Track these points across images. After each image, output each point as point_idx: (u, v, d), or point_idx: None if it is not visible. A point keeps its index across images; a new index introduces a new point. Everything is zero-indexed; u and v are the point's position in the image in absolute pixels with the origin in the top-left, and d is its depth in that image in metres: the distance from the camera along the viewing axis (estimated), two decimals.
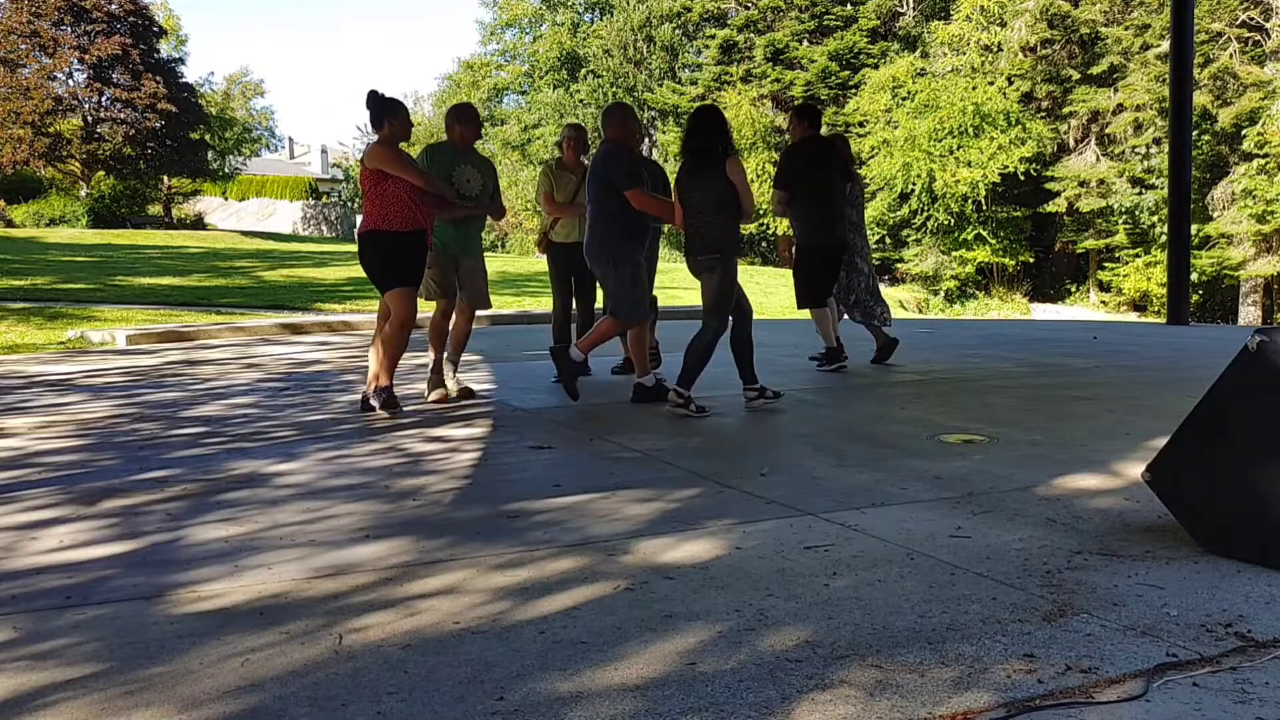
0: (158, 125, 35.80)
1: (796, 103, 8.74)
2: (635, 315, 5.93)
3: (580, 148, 7.12)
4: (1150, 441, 4.24)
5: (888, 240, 35.33)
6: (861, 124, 35.08)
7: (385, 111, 5.55)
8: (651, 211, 5.90)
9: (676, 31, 45.15)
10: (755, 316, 6.01)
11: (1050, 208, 31.96)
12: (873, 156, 33.56)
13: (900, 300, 27.59)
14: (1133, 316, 28.93)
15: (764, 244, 39.81)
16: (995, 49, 32.90)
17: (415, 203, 5.49)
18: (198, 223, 40.54)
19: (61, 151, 35.67)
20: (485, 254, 6.55)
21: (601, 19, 48.85)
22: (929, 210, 31.97)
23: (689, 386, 5.58)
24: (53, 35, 34.69)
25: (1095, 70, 31.12)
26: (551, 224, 7.11)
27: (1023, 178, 31.04)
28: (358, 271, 20.54)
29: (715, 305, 5.63)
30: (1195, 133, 22.57)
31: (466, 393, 6.20)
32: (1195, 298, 27.12)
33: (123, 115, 35.57)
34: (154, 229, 34.49)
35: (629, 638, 2.42)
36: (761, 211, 29.28)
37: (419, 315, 5.78)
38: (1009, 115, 31.27)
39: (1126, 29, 29.95)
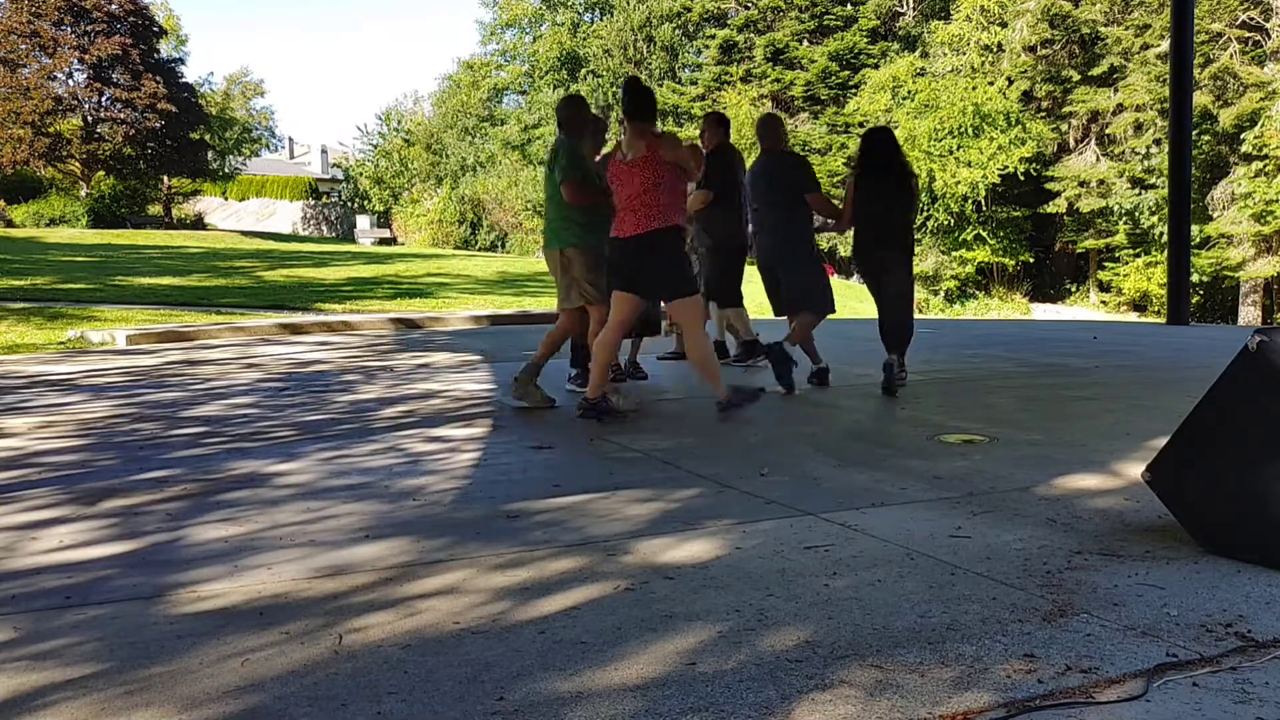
0: (158, 125, 35.79)
1: (711, 111, 9.17)
2: (831, 303, 6.68)
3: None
4: (1150, 441, 4.24)
5: None
6: (861, 124, 35.00)
7: (654, 103, 5.45)
8: (826, 214, 6.63)
9: (676, 31, 45.15)
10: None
11: (1050, 208, 31.96)
12: None
13: None
14: (1133, 316, 28.93)
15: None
16: (995, 49, 32.90)
17: None
18: (198, 223, 40.53)
19: (61, 151, 35.67)
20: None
21: (601, 19, 48.84)
22: (929, 210, 31.96)
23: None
24: (53, 35, 34.70)
25: (1095, 70, 31.12)
26: None
27: (1023, 178, 31.04)
28: (357, 271, 20.62)
29: (909, 293, 6.55)
30: (1195, 133, 22.55)
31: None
32: (1195, 298, 27.10)
33: (123, 115, 35.57)
34: (154, 229, 34.46)
35: (629, 638, 2.42)
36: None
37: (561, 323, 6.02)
38: (1009, 115, 31.27)
39: (1126, 29, 29.95)
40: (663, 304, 6.60)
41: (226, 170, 50.52)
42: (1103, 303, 31.45)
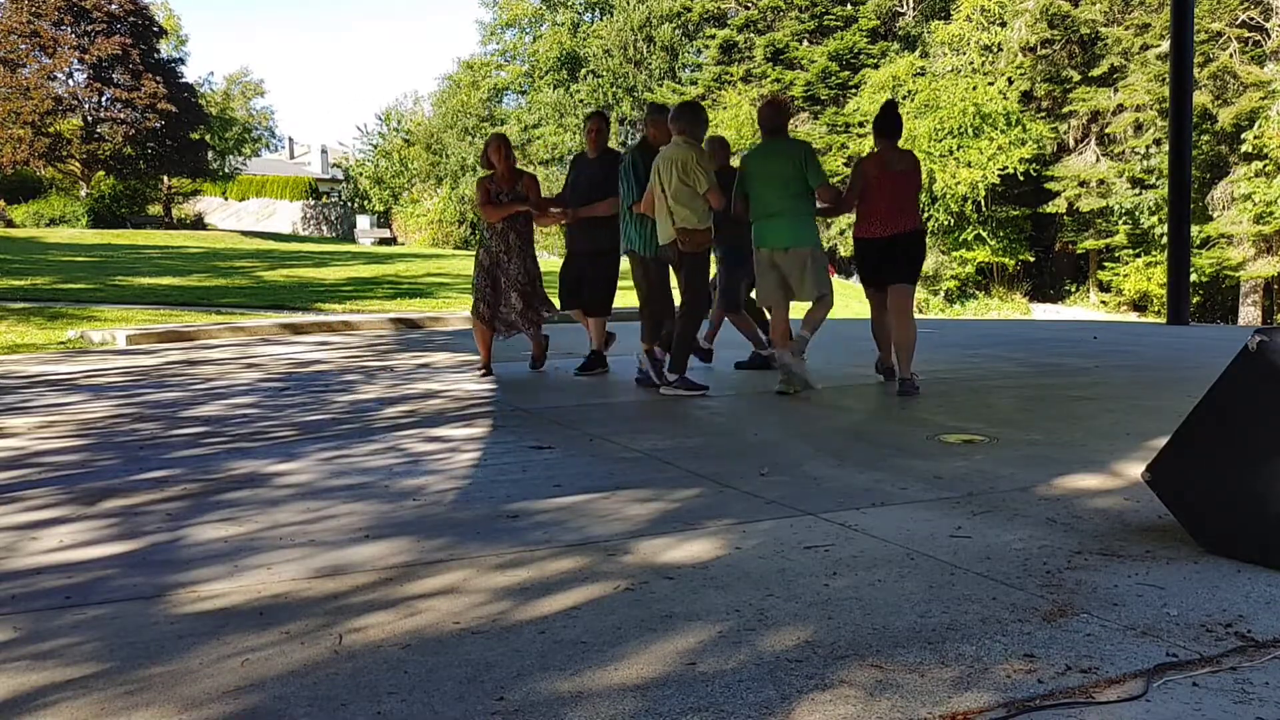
0: (158, 125, 35.81)
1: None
2: None
3: None
4: (1150, 441, 4.24)
5: None
6: (861, 124, 35.06)
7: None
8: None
9: (676, 31, 45.15)
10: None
11: (1050, 208, 31.95)
12: None
13: None
14: (1133, 316, 28.93)
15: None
16: (995, 49, 32.90)
17: None
18: (198, 223, 40.54)
19: (61, 151, 35.68)
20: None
21: (601, 19, 48.84)
22: (929, 210, 31.96)
23: None
24: (53, 35, 34.71)
25: (1095, 71, 31.12)
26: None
27: (1022, 178, 31.04)
28: (357, 271, 20.63)
29: None
30: (1195, 133, 22.53)
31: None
32: (1195, 298, 27.08)
33: (123, 115, 35.58)
34: (154, 229, 34.48)
35: (629, 638, 2.42)
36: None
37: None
38: (1009, 115, 31.27)
39: (1126, 29, 29.94)
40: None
41: (226, 170, 50.51)
42: (1103, 303, 31.44)
